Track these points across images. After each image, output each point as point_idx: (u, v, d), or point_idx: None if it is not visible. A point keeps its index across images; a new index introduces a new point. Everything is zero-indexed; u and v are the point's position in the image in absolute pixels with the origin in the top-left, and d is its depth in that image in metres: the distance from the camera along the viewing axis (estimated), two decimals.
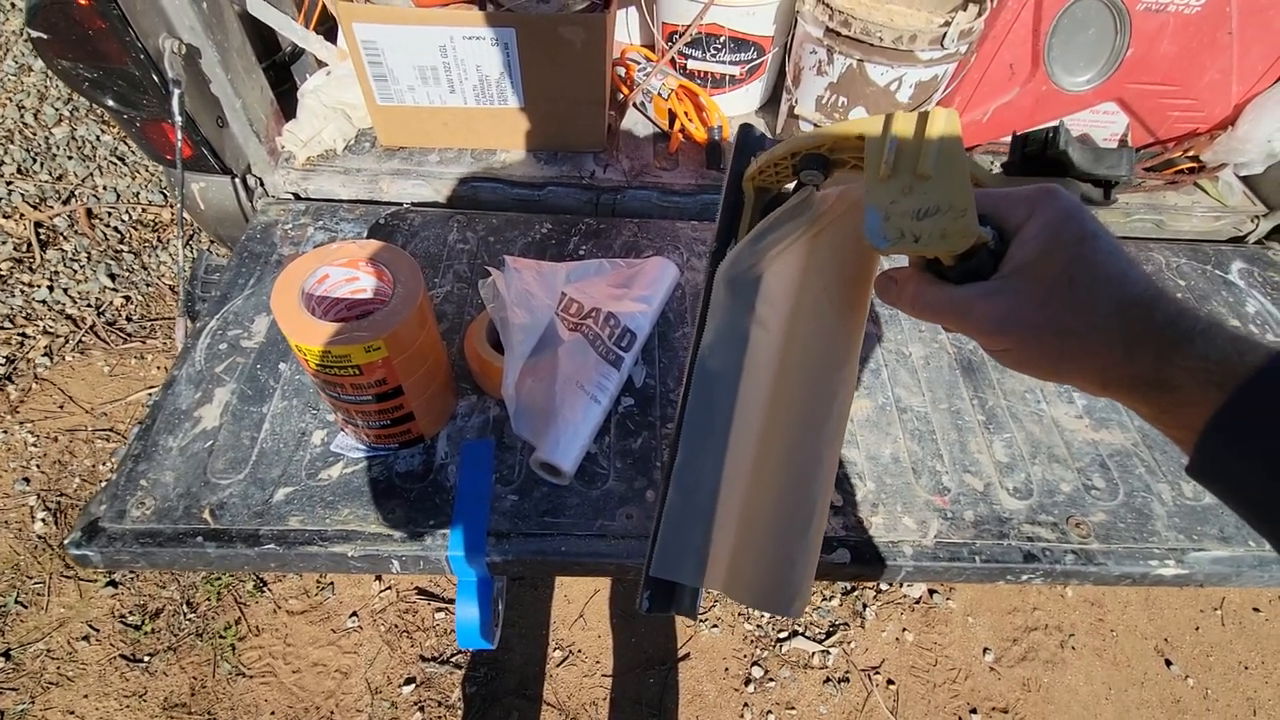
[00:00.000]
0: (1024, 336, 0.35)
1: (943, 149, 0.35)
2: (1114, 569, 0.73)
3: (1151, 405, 0.34)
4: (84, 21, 0.80)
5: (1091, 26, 1.01)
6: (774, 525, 0.45)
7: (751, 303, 0.48)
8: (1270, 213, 1.13)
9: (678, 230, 1.04)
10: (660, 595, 0.47)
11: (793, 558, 0.44)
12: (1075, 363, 0.35)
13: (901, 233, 0.36)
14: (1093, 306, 0.34)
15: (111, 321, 1.78)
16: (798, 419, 0.46)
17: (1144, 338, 0.33)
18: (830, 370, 0.46)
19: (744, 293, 0.48)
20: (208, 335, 0.85)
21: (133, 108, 0.90)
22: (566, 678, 1.36)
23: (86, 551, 0.67)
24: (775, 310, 0.47)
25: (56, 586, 1.39)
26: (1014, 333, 0.36)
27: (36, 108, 2.12)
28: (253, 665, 1.33)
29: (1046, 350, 0.35)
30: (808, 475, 0.45)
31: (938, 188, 0.35)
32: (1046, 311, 0.35)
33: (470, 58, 0.97)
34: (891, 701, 1.37)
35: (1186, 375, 0.32)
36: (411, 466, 0.75)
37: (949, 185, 0.35)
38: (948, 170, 0.35)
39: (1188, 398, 0.32)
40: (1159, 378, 0.33)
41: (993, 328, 0.36)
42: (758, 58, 1.13)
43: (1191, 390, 0.32)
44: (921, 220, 0.35)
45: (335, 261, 0.66)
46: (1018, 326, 0.35)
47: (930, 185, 0.35)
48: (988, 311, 0.36)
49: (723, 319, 0.49)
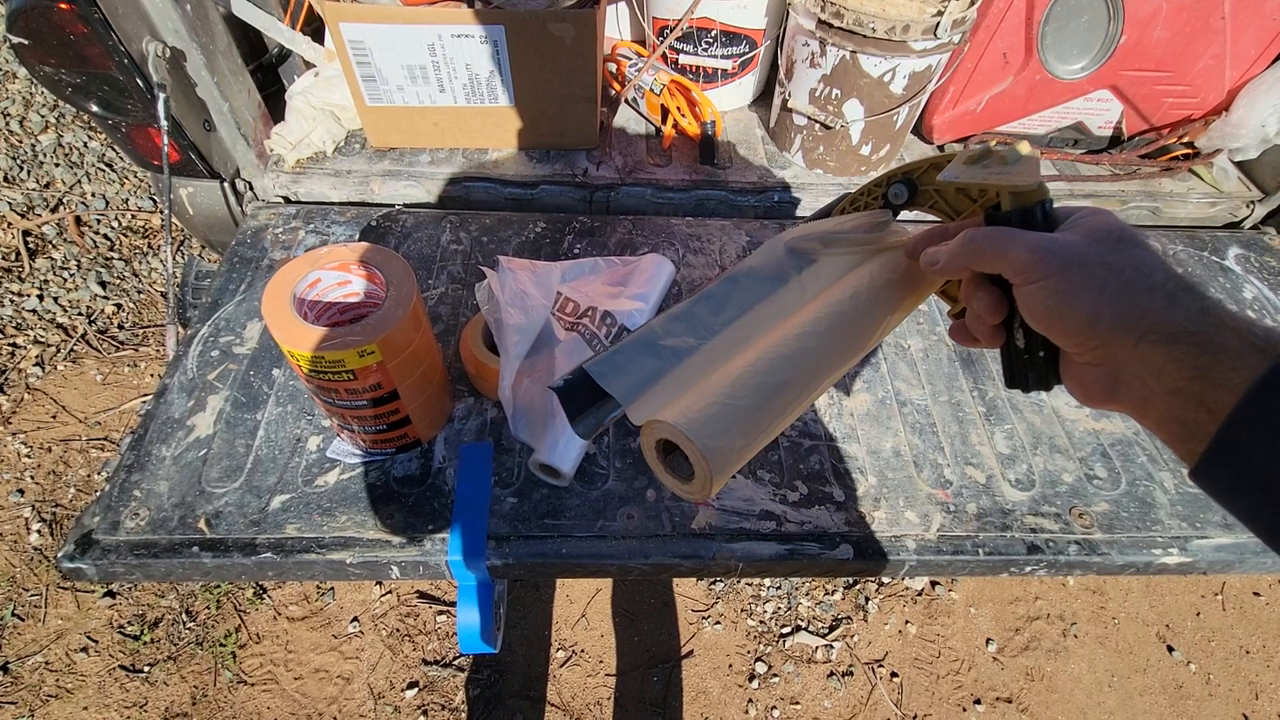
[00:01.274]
0: (1068, 263, 0.34)
1: (1021, 156, 0.41)
2: (1118, 559, 0.73)
3: (1184, 368, 0.31)
4: (65, 26, 0.78)
5: (1085, 14, 1.00)
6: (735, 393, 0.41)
7: (801, 268, 0.50)
8: (1265, 198, 1.13)
9: (672, 226, 1.03)
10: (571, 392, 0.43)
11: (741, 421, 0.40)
12: (1116, 299, 0.33)
13: (972, 176, 0.41)
14: (1140, 255, 0.34)
15: (103, 329, 1.77)
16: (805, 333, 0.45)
17: (1188, 291, 0.32)
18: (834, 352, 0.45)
19: (798, 260, 0.50)
20: (199, 342, 0.84)
21: (117, 113, 0.89)
22: (570, 678, 1.35)
23: (80, 565, 0.66)
24: (818, 281, 0.49)
25: (54, 598, 1.38)
26: (1059, 258, 0.34)
27: (22, 115, 2.10)
28: (254, 673, 1.32)
29: (1091, 281, 0.33)
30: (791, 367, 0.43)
31: (1010, 169, 0.40)
32: (1095, 249, 0.34)
33: (459, 56, 0.96)
34: (896, 694, 1.37)
35: (1232, 334, 0.30)
36: (409, 471, 0.74)
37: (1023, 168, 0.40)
38: (1024, 163, 0.40)
39: (1229, 359, 0.29)
40: (1200, 331, 0.31)
41: (1039, 249, 0.35)
42: (750, 51, 1.12)
43: (1232, 351, 0.29)
44: (994, 173, 0.41)
45: (327, 265, 0.65)
46: (1068, 251, 0.35)
47: (1006, 167, 0.41)
48: (1038, 237, 0.36)
49: (770, 260, 0.51)
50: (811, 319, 0.46)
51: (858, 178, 1.11)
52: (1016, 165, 0.40)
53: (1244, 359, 0.29)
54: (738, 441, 0.40)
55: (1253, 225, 1.17)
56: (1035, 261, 0.35)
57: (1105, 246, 0.34)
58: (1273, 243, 1.10)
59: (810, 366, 0.44)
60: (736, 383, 0.41)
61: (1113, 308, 0.33)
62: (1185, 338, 0.31)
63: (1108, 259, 0.34)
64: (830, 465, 0.78)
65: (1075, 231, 0.36)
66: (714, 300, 0.48)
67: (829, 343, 0.44)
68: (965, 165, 0.43)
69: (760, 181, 1.10)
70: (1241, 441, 0.29)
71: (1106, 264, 0.34)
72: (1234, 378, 0.29)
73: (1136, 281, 0.33)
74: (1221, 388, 0.29)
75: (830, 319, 0.45)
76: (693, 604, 1.47)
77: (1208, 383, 0.30)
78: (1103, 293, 0.33)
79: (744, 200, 1.09)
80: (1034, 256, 0.35)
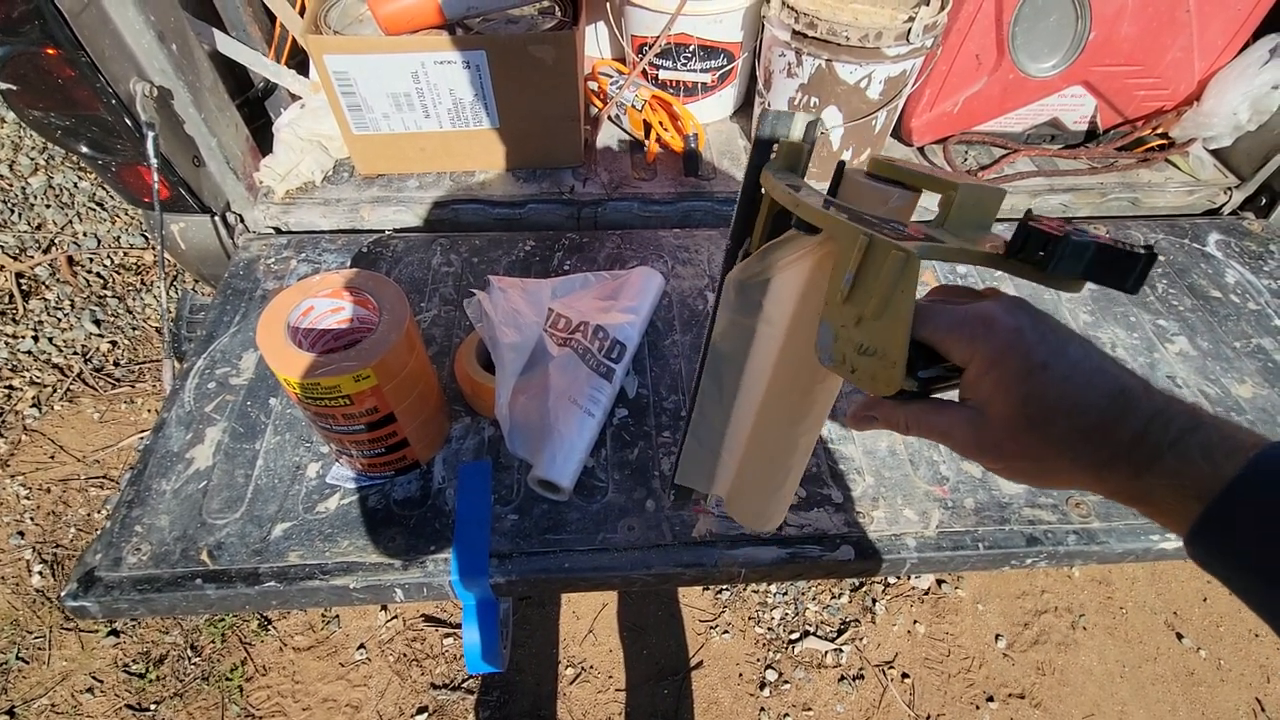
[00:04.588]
0: (1002, 466, 0.37)
1: (892, 300, 0.37)
2: (1116, 546, 0.74)
3: (1144, 512, 0.35)
4: (53, 70, 0.80)
5: (1053, 13, 1.02)
6: (759, 476, 0.55)
7: (759, 302, 0.51)
8: (1242, 184, 1.15)
9: (660, 239, 1.04)
10: (682, 493, 0.61)
11: (768, 498, 0.55)
12: (1057, 483, 0.36)
13: (844, 359, 0.40)
14: (1055, 441, 0.34)
15: (99, 367, 1.77)
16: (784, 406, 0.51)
17: (1114, 460, 0.33)
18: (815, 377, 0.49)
19: (752, 295, 0.52)
20: (196, 375, 0.84)
21: (107, 153, 0.90)
22: (580, 695, 1.35)
23: (84, 603, 0.66)
24: (781, 308, 0.51)
25: (57, 639, 1.37)
26: (994, 459, 0.37)
27: (11, 159, 2.11)
28: (261, 706, 1.31)
29: (1028, 473, 0.37)
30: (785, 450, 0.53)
31: (880, 333, 0.38)
32: (1017, 443, 0.35)
33: (443, 82, 0.98)
34: (908, 695, 1.37)
35: (1162, 491, 0.32)
36: (409, 493, 0.75)
37: (890, 333, 0.37)
38: (892, 319, 0.37)
39: (1168, 509, 0.33)
40: (1137, 494, 0.33)
41: (975, 454, 0.38)
42: (728, 64, 1.14)
43: (1171, 504, 0.32)
44: (861, 355, 0.39)
45: (319, 293, 0.66)
46: (997, 453, 0.36)
47: (875, 327, 0.38)
48: (968, 439, 0.37)
49: (730, 316, 0.53)
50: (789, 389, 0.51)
51: None
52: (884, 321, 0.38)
53: (1179, 508, 0.32)
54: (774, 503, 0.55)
55: (1231, 211, 1.18)
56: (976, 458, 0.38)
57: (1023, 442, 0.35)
58: (1251, 227, 1.12)
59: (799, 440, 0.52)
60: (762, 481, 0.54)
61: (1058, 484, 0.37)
62: (1134, 499, 0.34)
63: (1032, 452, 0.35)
64: (827, 467, 0.79)
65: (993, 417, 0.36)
66: (710, 391, 0.55)
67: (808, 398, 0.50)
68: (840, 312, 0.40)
69: None
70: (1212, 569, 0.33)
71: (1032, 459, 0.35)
72: (1176, 522, 0.33)
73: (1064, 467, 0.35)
74: (1173, 527, 0.33)
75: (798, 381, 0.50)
76: (700, 614, 1.46)
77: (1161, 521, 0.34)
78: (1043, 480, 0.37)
79: (730, 209, 1.10)
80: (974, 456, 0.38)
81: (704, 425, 0.56)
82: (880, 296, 0.37)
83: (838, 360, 0.40)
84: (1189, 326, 0.96)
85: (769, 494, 0.55)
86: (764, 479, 0.55)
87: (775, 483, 0.54)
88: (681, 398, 0.84)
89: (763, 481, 0.55)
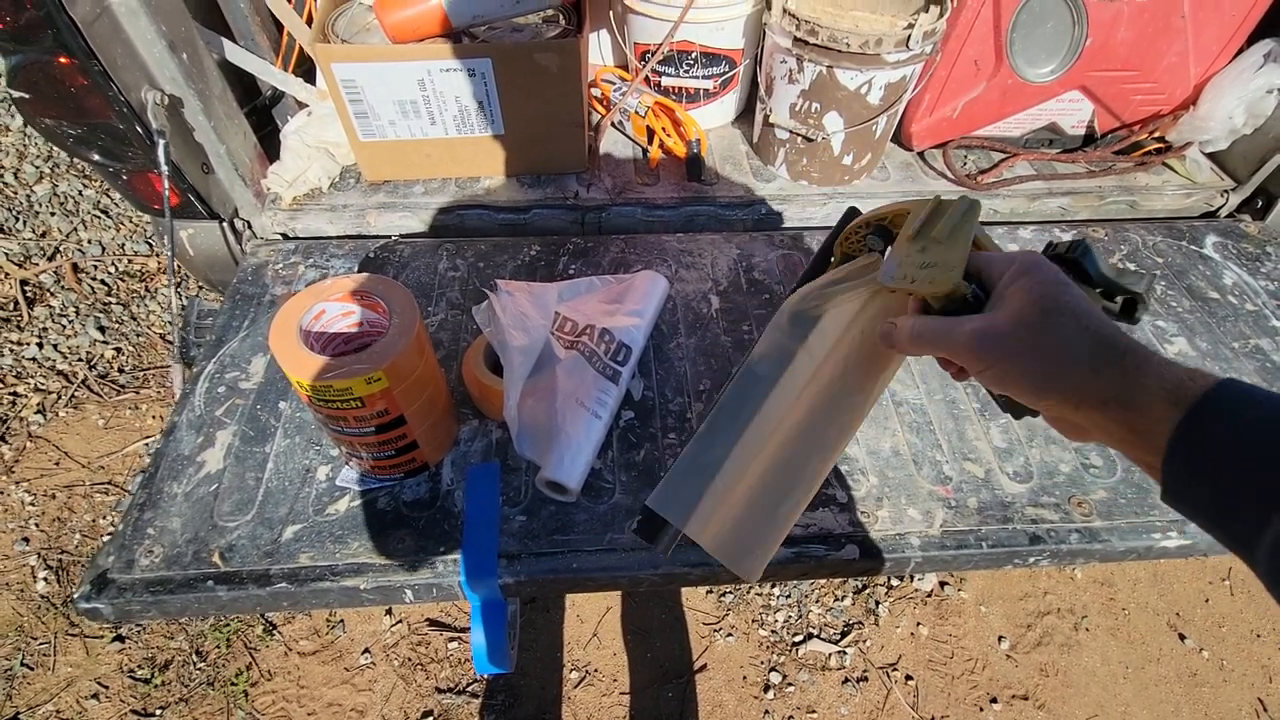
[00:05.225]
0: (1003, 354, 0.39)
1: (956, 225, 0.45)
2: (1118, 545, 0.74)
3: (1120, 425, 0.37)
4: (66, 79, 0.81)
5: (1050, 20, 1.04)
6: (754, 500, 0.53)
7: (806, 333, 0.56)
8: (1238, 186, 1.16)
9: (664, 243, 1.05)
10: (646, 526, 0.55)
11: (756, 527, 0.53)
12: (1050, 378, 0.38)
13: (905, 275, 0.46)
14: (1063, 329, 0.38)
15: (104, 374, 1.78)
16: (801, 429, 0.53)
17: (1109, 358, 0.37)
18: (840, 403, 0.52)
19: (802, 325, 0.57)
20: (205, 379, 0.85)
21: (118, 160, 0.91)
22: (585, 698, 1.35)
23: (97, 605, 0.67)
24: (823, 342, 0.55)
25: (62, 645, 1.37)
26: (995, 350, 0.39)
27: (16, 166, 2.12)
28: (267, 711, 1.31)
29: (1024, 367, 0.39)
30: (792, 475, 0.53)
31: (944, 251, 0.44)
32: (1023, 333, 0.38)
33: (449, 89, 0.99)
34: (911, 697, 1.37)
35: (1148, 393, 0.35)
36: (418, 495, 0.75)
37: (951, 250, 0.44)
38: (954, 240, 0.45)
39: (1151, 415, 0.35)
40: (1124, 394, 0.36)
41: (976, 345, 0.40)
42: (729, 71, 1.15)
43: (1153, 408, 0.35)
44: (922, 270, 0.45)
45: (330, 297, 0.67)
46: (999, 343, 0.39)
47: (940, 248, 0.45)
48: (971, 334, 0.40)
49: (777, 339, 0.57)
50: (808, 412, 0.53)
51: (841, 187, 1.14)
52: (949, 243, 0.45)
53: (1161, 413, 0.34)
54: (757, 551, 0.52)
55: (1228, 214, 1.20)
56: (974, 357, 0.41)
57: (1031, 330, 0.38)
58: (1248, 229, 1.13)
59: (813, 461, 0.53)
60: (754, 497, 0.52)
61: (1050, 386, 0.38)
62: (1114, 402, 0.36)
63: (1036, 342, 0.38)
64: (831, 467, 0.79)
65: (1005, 310, 0.40)
66: (730, 408, 0.56)
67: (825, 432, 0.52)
68: (907, 246, 0.47)
69: (747, 195, 1.12)
70: (1180, 486, 0.35)
71: (1034, 348, 0.38)
72: (1157, 431, 0.35)
73: (1063, 360, 0.38)
74: (1152, 445, 0.35)
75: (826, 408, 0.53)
76: (704, 617, 1.46)
77: (1141, 439, 0.36)
78: (1037, 376, 0.39)
79: (732, 214, 1.12)
80: (971, 354, 0.41)
81: (709, 439, 0.56)
82: (945, 225, 0.45)
83: (899, 278, 0.46)
84: (1188, 327, 0.97)
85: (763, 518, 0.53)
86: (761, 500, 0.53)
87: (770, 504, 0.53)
88: (686, 400, 0.85)
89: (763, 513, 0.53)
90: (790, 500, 0.52)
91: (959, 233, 0.45)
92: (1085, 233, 1.11)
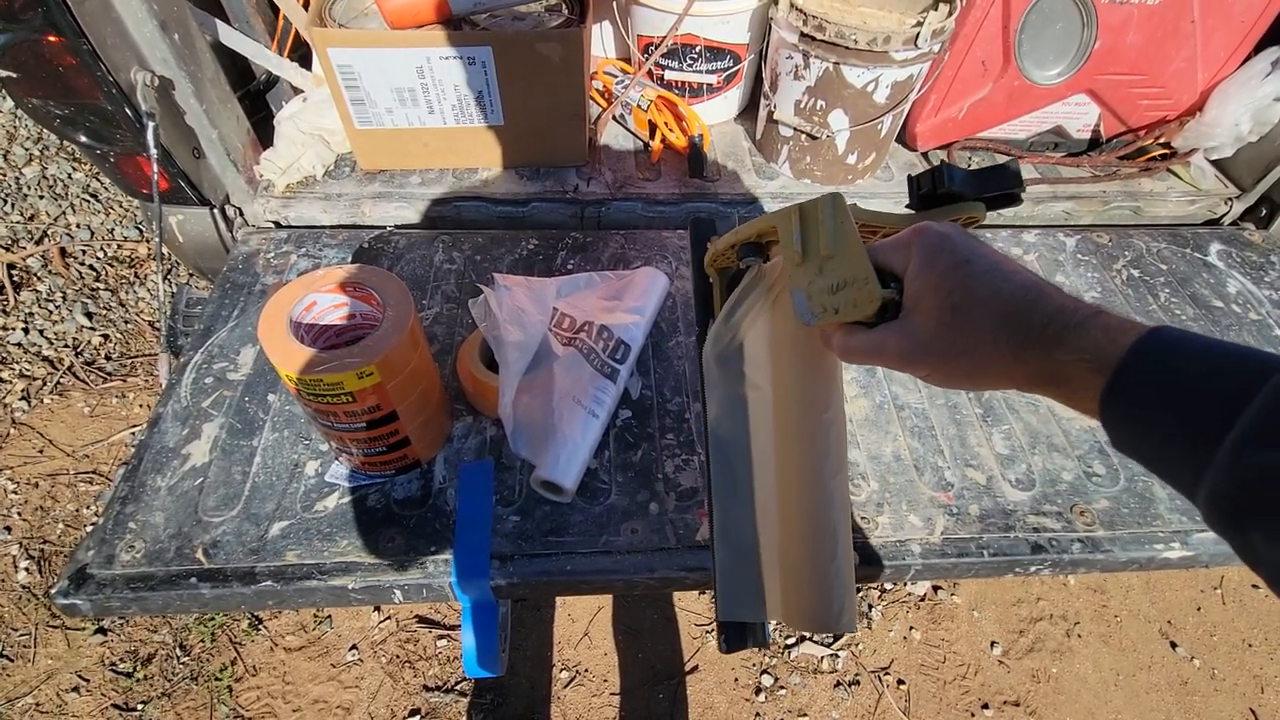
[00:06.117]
0: (933, 362, 0.41)
1: (837, 230, 0.42)
2: (1120, 555, 0.73)
3: (1062, 397, 0.38)
4: (54, 58, 0.78)
5: (1059, 21, 1.03)
6: (807, 557, 0.51)
7: (741, 370, 0.55)
8: (1243, 194, 1.15)
9: (665, 239, 1.04)
10: (733, 635, 0.53)
11: (829, 581, 0.50)
12: (982, 375, 0.40)
13: (824, 308, 0.43)
14: (978, 325, 0.38)
15: (90, 361, 1.75)
16: (802, 461, 0.52)
17: (1028, 342, 0.37)
18: (817, 413, 0.51)
19: (732, 363, 0.55)
20: (192, 370, 0.83)
21: (106, 143, 0.88)
22: (574, 699, 1.33)
23: (75, 600, 0.65)
24: (761, 370, 0.54)
25: (43, 637, 1.35)
26: (924, 360, 0.41)
27: (5, 148, 2.09)
28: (251, 706, 1.29)
29: (955, 370, 0.40)
30: (823, 508, 0.50)
31: (841, 264, 0.42)
32: (943, 338, 0.39)
33: (448, 78, 0.97)
34: (903, 701, 1.36)
35: (1071, 369, 0.36)
36: (409, 493, 0.74)
37: (849, 260, 0.41)
38: (844, 246, 0.42)
39: (1079, 386, 0.36)
40: (1050, 372, 0.37)
41: (906, 359, 0.41)
42: (734, 65, 1.14)
43: (1079, 380, 0.36)
44: (836, 294, 0.42)
45: (322, 288, 0.65)
46: (925, 354, 0.40)
47: (835, 263, 0.42)
48: (898, 347, 0.41)
49: (721, 392, 0.55)
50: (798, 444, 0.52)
51: (845, 187, 1.12)
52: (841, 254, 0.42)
53: (1087, 380, 0.35)
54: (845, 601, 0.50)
55: (1232, 221, 1.19)
56: (907, 367, 0.42)
57: (951, 330, 0.39)
58: (1252, 238, 1.13)
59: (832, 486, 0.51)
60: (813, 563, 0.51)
61: (984, 378, 0.40)
62: (1045, 379, 0.38)
63: (956, 342, 0.39)
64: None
65: (921, 314, 0.40)
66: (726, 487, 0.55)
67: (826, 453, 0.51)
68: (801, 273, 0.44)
69: (749, 192, 1.11)
70: (1119, 444, 0.36)
71: (958, 350, 0.39)
72: (1088, 398, 0.36)
73: (987, 354, 0.39)
74: (1090, 409, 0.36)
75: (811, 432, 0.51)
76: (695, 618, 1.45)
77: (1080, 405, 0.37)
78: (971, 372, 0.40)
79: (734, 211, 1.10)
80: (904, 366, 0.42)
81: (731, 527, 0.54)
82: (827, 235, 0.42)
83: (819, 313, 0.43)
84: None
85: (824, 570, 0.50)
86: (815, 552, 0.50)
87: (826, 554, 0.50)
88: (685, 399, 0.84)
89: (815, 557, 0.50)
90: (841, 539, 0.51)
91: (844, 238, 0.42)
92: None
